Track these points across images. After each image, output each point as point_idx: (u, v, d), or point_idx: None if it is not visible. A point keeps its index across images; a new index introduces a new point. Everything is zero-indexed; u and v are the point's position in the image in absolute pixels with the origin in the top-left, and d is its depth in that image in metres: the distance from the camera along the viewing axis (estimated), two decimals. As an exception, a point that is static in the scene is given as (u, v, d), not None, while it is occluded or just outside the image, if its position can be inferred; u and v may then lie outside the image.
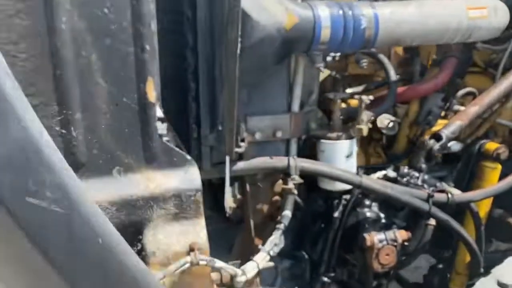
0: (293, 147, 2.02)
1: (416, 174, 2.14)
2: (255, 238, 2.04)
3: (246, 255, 1.94)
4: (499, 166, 2.37)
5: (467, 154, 2.43)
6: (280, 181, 2.03)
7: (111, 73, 1.40)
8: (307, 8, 1.69)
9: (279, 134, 1.95)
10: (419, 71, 2.51)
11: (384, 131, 2.40)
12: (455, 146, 2.45)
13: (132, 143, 1.50)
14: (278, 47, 1.68)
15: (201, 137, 1.85)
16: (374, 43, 1.80)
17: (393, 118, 2.41)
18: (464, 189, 2.43)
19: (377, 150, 2.53)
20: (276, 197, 2.07)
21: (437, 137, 2.16)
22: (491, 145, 2.38)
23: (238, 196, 2.00)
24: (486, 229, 2.47)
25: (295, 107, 1.98)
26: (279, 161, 1.88)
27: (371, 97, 1.96)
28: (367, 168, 2.42)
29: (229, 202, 1.89)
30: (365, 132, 1.95)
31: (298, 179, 1.87)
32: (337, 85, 2.48)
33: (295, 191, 1.99)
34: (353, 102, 2.49)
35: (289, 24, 1.66)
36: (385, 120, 2.39)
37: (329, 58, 1.91)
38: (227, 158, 1.77)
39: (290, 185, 1.93)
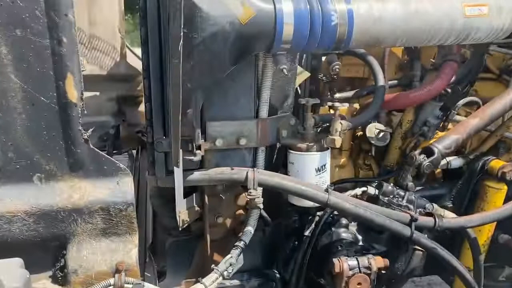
0: (260, 157, 1.82)
1: (402, 192, 1.88)
2: (214, 254, 1.85)
3: (204, 271, 1.75)
4: (505, 187, 2.08)
5: (469, 171, 2.15)
6: (244, 194, 1.83)
7: (25, 69, 1.25)
8: (267, 0, 1.48)
9: (243, 141, 1.75)
10: (419, 75, 2.25)
11: (372, 141, 2.15)
12: (455, 161, 2.17)
13: (53, 148, 1.34)
14: (233, 43, 1.48)
15: (155, 141, 1.68)
16: (348, 42, 1.57)
17: (383, 127, 2.16)
18: (464, 211, 2.16)
19: (367, 162, 2.28)
20: (240, 211, 1.87)
21: (428, 151, 1.90)
22: (496, 163, 2.09)
23: (197, 208, 1.81)
24: (492, 255, 2.18)
25: (263, 113, 1.77)
26: (238, 173, 1.68)
27: (346, 105, 1.72)
28: (355, 182, 2.19)
29: (182, 215, 1.70)
30: (337, 143, 1.72)
31: (255, 193, 1.66)
32: (324, 89, 2.25)
33: (261, 205, 1.78)
34: (341, 110, 2.26)
35: (244, 18, 1.45)
36: (374, 129, 2.14)
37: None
38: (175, 167, 1.59)
39: (257, 198, 1.73)
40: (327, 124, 1.84)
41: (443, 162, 2.16)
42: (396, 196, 1.86)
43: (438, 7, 1.61)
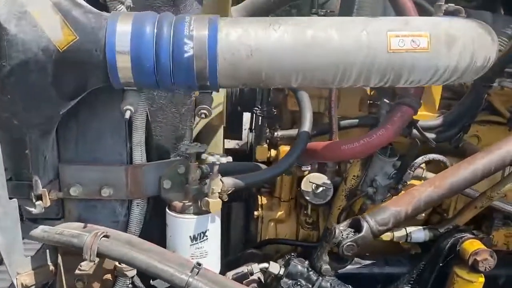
0: (135, 212, 1.46)
1: (314, 276, 1.41)
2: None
3: None
4: (480, 280, 1.52)
5: (435, 250, 1.61)
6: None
7: None
8: (97, 19, 1.12)
9: (106, 192, 1.40)
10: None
11: (308, 197, 1.69)
12: (418, 234, 1.65)
13: None
14: (54, 75, 1.13)
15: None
16: (214, 80, 1.15)
17: (325, 181, 1.69)
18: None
19: (309, 220, 1.82)
20: (108, 276, 1.51)
21: (356, 226, 1.41)
22: (470, 245, 1.54)
23: (51, 268, 1.49)
24: None
25: (136, 157, 1.41)
26: (78, 236, 1.33)
27: (229, 158, 1.30)
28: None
29: (23, 277, 1.39)
30: (213, 208, 1.30)
31: (86, 266, 1.30)
32: (262, 126, 1.83)
33: (132, 272, 1.42)
34: (284, 149, 1.83)
35: (63, 43, 1.10)
36: (310, 183, 1.68)
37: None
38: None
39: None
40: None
41: (401, 233, 1.65)
42: (304, 281, 1.40)
43: (348, 35, 1.13)
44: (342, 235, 1.39)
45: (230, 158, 1.30)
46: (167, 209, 1.40)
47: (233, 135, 2.67)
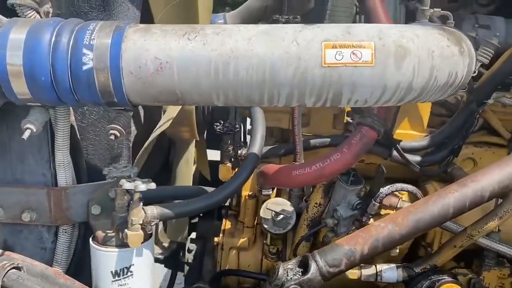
0: (62, 239, 1.32)
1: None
2: None
3: None
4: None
5: (409, 293, 1.39)
6: None
7: None
8: (-11, 27, 0.98)
9: (27, 216, 1.27)
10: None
11: (266, 226, 1.51)
12: (390, 273, 1.44)
13: None
14: None
15: None
16: (122, 97, 0.99)
17: (287, 207, 1.50)
18: None
19: (273, 249, 1.63)
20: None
21: (305, 264, 1.22)
22: (448, 290, 1.32)
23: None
24: None
25: (61, 179, 1.27)
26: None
27: (152, 185, 1.14)
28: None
29: None
30: (132, 242, 1.14)
31: None
32: (223, 143, 1.67)
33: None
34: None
35: None
36: (268, 210, 1.50)
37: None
38: None
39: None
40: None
41: (370, 271, 1.44)
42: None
43: (275, 47, 0.95)
44: (287, 275, 1.20)
45: (153, 185, 1.14)
46: (90, 239, 1.26)
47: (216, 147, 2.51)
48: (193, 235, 2.26)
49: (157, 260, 2.30)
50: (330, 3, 1.57)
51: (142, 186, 1.12)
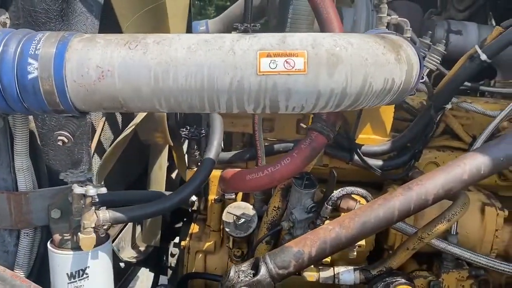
0: (24, 243, 1.35)
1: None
2: None
3: None
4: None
5: (365, 295, 1.42)
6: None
7: None
8: None
9: (-14, 220, 1.30)
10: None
11: (228, 229, 1.54)
12: (347, 276, 1.46)
13: None
14: None
15: None
16: (69, 106, 1.03)
17: (248, 211, 1.53)
18: None
19: (237, 252, 1.66)
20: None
21: (255, 267, 1.24)
22: (400, 292, 1.34)
23: None
24: None
25: (21, 184, 1.30)
26: None
27: (102, 189, 1.17)
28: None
29: None
30: (85, 245, 1.17)
31: None
32: (190, 148, 1.70)
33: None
34: (215, 174, 1.68)
35: None
36: (230, 214, 1.53)
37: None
38: None
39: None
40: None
41: (328, 274, 1.46)
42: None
43: (212, 55, 0.98)
44: (239, 277, 1.23)
45: (103, 190, 1.17)
46: (48, 243, 1.29)
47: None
48: (177, 239, 2.31)
49: (138, 263, 2.34)
50: (291, 12, 1.61)
51: (92, 190, 1.15)
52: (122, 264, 2.31)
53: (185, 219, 2.41)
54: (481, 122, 1.70)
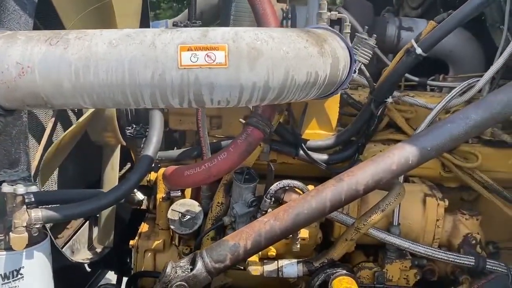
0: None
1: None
2: None
3: None
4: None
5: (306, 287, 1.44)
6: None
7: None
8: None
9: None
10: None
11: (173, 226, 1.54)
12: (290, 268, 1.48)
13: None
14: None
15: None
16: (-10, 101, 1.02)
17: (193, 207, 1.53)
18: None
19: (186, 250, 1.66)
20: None
21: (193, 262, 1.25)
22: (339, 283, 1.36)
23: None
24: None
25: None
26: None
27: (32, 188, 1.16)
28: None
29: None
30: (16, 244, 1.16)
31: None
32: (133, 146, 1.69)
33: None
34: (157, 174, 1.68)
35: None
36: (174, 212, 1.53)
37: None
38: None
39: None
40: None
41: (272, 267, 1.48)
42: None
43: (133, 50, 0.99)
44: (176, 273, 1.23)
45: (33, 188, 1.16)
46: (-16, 243, 1.27)
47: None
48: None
49: (101, 266, 2.31)
50: (233, 9, 1.62)
51: (21, 189, 1.14)
52: (88, 268, 2.30)
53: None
54: (425, 115, 1.74)
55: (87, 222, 2.22)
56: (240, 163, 1.29)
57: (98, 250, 2.25)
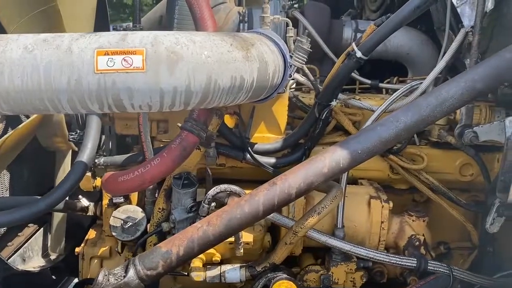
0: None
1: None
2: None
3: None
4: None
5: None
6: None
7: None
8: None
9: None
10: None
11: (115, 233, 1.52)
12: (233, 273, 1.47)
13: None
14: None
15: None
16: None
17: (136, 214, 1.51)
18: None
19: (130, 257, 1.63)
20: None
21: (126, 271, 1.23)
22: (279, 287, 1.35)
23: None
24: None
25: None
26: None
27: None
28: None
29: None
30: None
31: None
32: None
33: None
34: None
35: None
36: (115, 218, 1.51)
37: None
38: None
39: None
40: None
41: (214, 273, 1.46)
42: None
43: (49, 54, 0.97)
44: (108, 280, 1.21)
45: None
46: None
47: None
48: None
49: (62, 272, 2.27)
50: (176, 12, 1.61)
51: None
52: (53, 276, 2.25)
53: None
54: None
55: (41, 229, 2.18)
56: (175, 168, 1.28)
57: (52, 257, 2.21)
